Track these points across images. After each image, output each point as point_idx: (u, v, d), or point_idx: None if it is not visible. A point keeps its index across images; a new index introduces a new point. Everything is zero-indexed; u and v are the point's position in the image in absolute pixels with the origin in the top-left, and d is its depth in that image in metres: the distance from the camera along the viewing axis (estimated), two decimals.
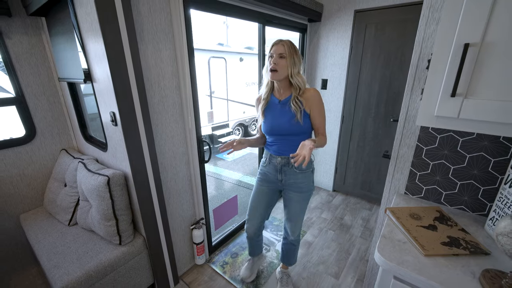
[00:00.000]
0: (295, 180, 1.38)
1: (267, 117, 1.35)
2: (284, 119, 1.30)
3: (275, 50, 1.21)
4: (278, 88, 1.32)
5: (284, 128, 1.30)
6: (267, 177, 1.46)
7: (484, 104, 0.68)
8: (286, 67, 1.21)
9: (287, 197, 1.47)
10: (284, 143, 1.34)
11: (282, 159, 1.37)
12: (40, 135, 1.74)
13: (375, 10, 2.26)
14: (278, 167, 1.39)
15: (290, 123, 1.28)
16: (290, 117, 1.28)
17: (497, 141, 0.93)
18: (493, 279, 0.70)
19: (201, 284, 1.78)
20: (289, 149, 1.33)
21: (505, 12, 0.61)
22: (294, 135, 1.30)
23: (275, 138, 1.36)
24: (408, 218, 0.97)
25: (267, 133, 1.38)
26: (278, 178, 1.42)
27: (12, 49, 1.53)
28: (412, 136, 1.11)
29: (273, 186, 1.47)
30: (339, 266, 1.93)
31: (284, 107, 1.30)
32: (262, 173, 1.49)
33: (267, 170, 1.45)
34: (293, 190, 1.41)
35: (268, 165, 1.44)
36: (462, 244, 0.84)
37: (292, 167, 1.36)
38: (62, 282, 1.19)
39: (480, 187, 1.00)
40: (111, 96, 1.18)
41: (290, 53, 1.21)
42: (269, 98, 1.36)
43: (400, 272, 0.79)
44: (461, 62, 0.67)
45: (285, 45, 1.21)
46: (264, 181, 1.48)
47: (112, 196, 1.33)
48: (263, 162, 1.48)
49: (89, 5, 1.06)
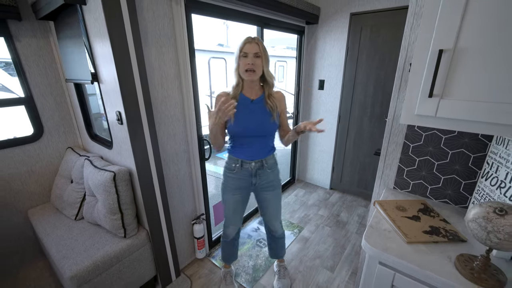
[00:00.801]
0: (268, 180, 1.42)
1: (239, 117, 1.27)
2: (261, 119, 1.29)
3: (249, 49, 1.17)
4: (251, 87, 1.29)
5: (262, 128, 1.30)
6: (239, 183, 1.41)
7: (458, 104, 0.75)
8: (261, 66, 1.21)
9: (263, 198, 1.49)
10: (257, 145, 1.33)
11: (256, 163, 1.35)
12: (47, 133, 1.81)
13: (370, 13, 2.33)
14: (253, 171, 1.37)
15: (268, 123, 1.30)
16: (267, 116, 1.29)
17: (476, 138, 1.00)
18: (466, 262, 0.77)
19: (201, 277, 1.86)
20: (262, 152, 1.35)
21: (474, 21, 0.68)
22: (267, 136, 1.33)
23: (248, 140, 1.32)
24: (394, 210, 1.04)
25: (239, 134, 1.32)
26: (252, 182, 1.41)
27: (22, 51, 1.60)
28: (400, 134, 1.19)
29: (246, 191, 1.46)
30: (334, 260, 2.00)
31: (258, 106, 1.29)
32: (232, 180, 1.41)
33: (238, 177, 1.40)
34: (268, 190, 1.45)
35: (239, 172, 1.38)
36: (442, 233, 0.92)
37: (266, 168, 1.38)
38: (71, 271, 1.26)
39: (461, 181, 1.08)
40: (117, 96, 1.26)
41: (263, 51, 1.20)
42: (239, 98, 1.28)
43: (384, 258, 0.86)
44: (436, 66, 0.74)
45: (259, 44, 1.19)
46: (236, 189, 1.43)
47: (117, 191, 1.40)
48: (231, 169, 1.39)
49: (98, 11, 1.13)
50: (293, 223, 2.47)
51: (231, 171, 1.40)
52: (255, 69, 1.20)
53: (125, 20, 1.16)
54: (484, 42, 0.68)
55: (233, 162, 1.38)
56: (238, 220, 1.59)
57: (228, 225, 1.59)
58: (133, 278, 1.53)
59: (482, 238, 0.67)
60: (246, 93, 1.30)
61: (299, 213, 2.66)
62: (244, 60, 1.19)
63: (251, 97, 1.30)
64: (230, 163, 1.40)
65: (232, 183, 1.42)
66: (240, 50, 1.19)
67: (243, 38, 1.20)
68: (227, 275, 1.76)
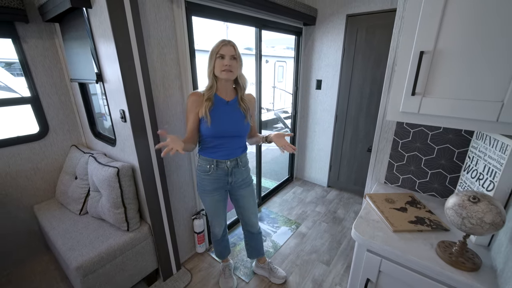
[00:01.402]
0: (242, 177, 1.47)
1: (216, 118, 1.29)
2: (237, 120, 1.34)
3: (226, 51, 1.22)
4: (225, 89, 1.32)
5: (237, 129, 1.34)
6: (215, 184, 1.43)
7: (438, 102, 0.81)
8: (237, 68, 1.27)
9: (239, 196, 1.52)
10: (232, 145, 1.37)
11: (231, 162, 1.39)
12: (52, 132, 1.87)
13: (365, 14, 2.39)
14: (229, 170, 1.40)
15: (241, 123, 1.35)
16: (242, 117, 1.35)
17: (460, 134, 1.07)
18: (446, 248, 0.84)
19: (201, 270, 1.92)
20: (236, 151, 1.40)
21: (450, 26, 0.75)
22: (241, 136, 1.39)
23: (223, 140, 1.34)
24: (383, 202, 1.11)
25: (215, 135, 1.32)
26: (228, 181, 1.44)
27: (28, 52, 1.66)
28: (390, 131, 1.25)
29: (223, 190, 1.49)
30: (330, 255, 2.07)
31: (233, 108, 1.34)
32: (208, 182, 1.42)
33: (214, 178, 1.41)
34: (243, 187, 1.49)
35: (215, 172, 1.39)
36: (426, 222, 0.98)
37: (241, 166, 1.44)
38: (77, 262, 1.33)
39: (447, 175, 1.14)
40: (121, 95, 1.32)
41: (238, 55, 1.26)
42: (213, 99, 1.30)
43: (372, 245, 0.92)
44: (418, 66, 0.80)
45: (235, 47, 1.24)
46: (214, 190, 1.44)
47: (121, 186, 1.46)
48: (205, 171, 1.40)
49: (103, 14, 1.19)
50: (290, 220, 2.53)
51: (206, 172, 1.40)
52: (232, 69, 1.24)
53: (129, 23, 1.23)
54: (460, 45, 0.74)
55: (207, 163, 1.38)
56: (222, 219, 1.61)
57: (214, 225, 1.62)
58: (135, 270, 1.60)
59: (458, 223, 0.73)
60: (221, 95, 1.33)
61: (296, 210, 2.72)
62: (221, 61, 1.23)
63: (226, 98, 1.34)
64: (204, 164, 1.39)
65: (208, 184, 1.42)
66: (217, 52, 1.23)
67: (218, 41, 1.24)
68: (226, 269, 1.82)
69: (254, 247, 1.78)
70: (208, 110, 1.27)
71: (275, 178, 3.55)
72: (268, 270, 1.83)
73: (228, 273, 1.81)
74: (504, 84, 0.70)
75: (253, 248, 1.78)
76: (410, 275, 0.86)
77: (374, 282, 0.96)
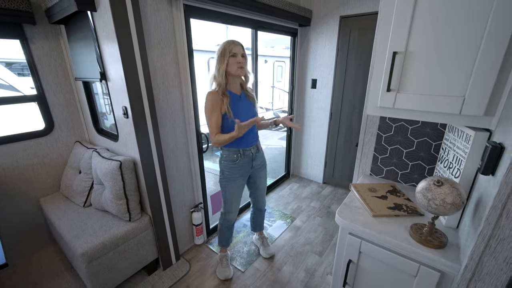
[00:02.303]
0: (262, 160, 1.70)
1: (236, 112, 1.44)
2: (251, 109, 1.54)
3: (237, 51, 1.40)
4: (235, 84, 1.50)
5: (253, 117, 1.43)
6: (241, 171, 1.59)
7: (411, 97, 0.90)
8: (246, 64, 1.46)
9: (257, 177, 1.74)
10: (251, 133, 1.56)
11: (253, 148, 1.59)
12: (57, 128, 1.96)
13: (358, 16, 2.49)
14: (253, 156, 1.60)
15: (255, 112, 1.56)
16: (253, 107, 1.55)
17: (436, 128, 1.16)
18: (418, 230, 0.93)
19: (200, 261, 2.01)
20: (255, 137, 1.61)
21: (419, 30, 0.84)
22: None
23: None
24: (366, 191, 1.20)
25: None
26: (252, 165, 1.63)
27: (35, 52, 1.75)
28: (374, 125, 1.34)
29: (246, 176, 1.67)
30: (323, 246, 2.16)
31: (245, 100, 1.53)
32: (235, 170, 1.57)
33: (241, 165, 1.57)
34: (261, 169, 1.72)
35: (242, 160, 1.55)
36: (403, 208, 1.07)
37: (260, 150, 1.66)
38: (82, 248, 1.42)
39: (425, 166, 1.23)
40: (124, 93, 1.41)
41: (245, 53, 1.45)
42: (228, 94, 1.45)
43: (353, 228, 1.01)
44: (391, 65, 0.89)
45: (243, 46, 1.44)
46: (239, 177, 1.60)
47: (123, 178, 1.56)
48: (233, 160, 1.54)
49: (107, 17, 1.29)
50: (286, 214, 2.62)
51: (233, 161, 1.55)
52: (243, 66, 1.43)
53: (131, 25, 1.32)
54: (427, 47, 0.83)
55: (234, 153, 1.54)
56: (239, 204, 1.77)
57: (231, 211, 1.75)
58: (137, 258, 1.69)
59: (424, 205, 0.82)
60: (232, 90, 1.49)
61: (292, 205, 2.81)
62: (234, 59, 1.40)
63: (237, 92, 1.51)
64: (231, 154, 1.55)
65: (236, 172, 1.58)
66: (229, 51, 1.38)
67: (227, 42, 1.40)
68: (223, 259, 1.91)
69: (258, 223, 2.05)
70: (228, 105, 1.42)
71: (272, 175, 3.64)
72: (261, 242, 2.08)
73: (226, 262, 1.90)
74: (465, 82, 0.79)
75: (257, 224, 2.05)
76: (386, 254, 0.95)
77: (356, 263, 1.05)
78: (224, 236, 1.89)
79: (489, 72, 0.74)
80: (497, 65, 0.73)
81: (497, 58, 0.72)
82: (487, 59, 0.74)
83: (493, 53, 0.73)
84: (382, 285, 1.01)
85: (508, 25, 0.69)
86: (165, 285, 1.77)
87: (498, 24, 0.70)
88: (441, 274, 0.84)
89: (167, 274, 1.86)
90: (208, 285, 1.79)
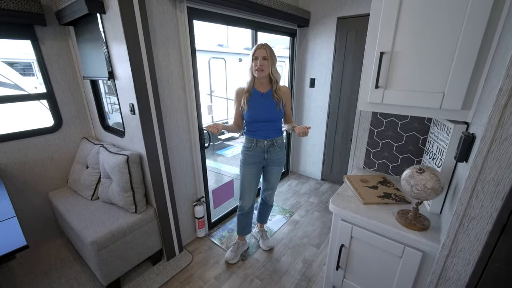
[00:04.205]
0: (277, 156, 1.77)
1: (252, 106, 1.63)
2: (269, 108, 1.64)
3: (259, 53, 1.53)
4: (261, 83, 1.64)
5: (270, 115, 1.65)
6: (254, 159, 1.74)
7: (397, 93, 0.99)
8: (268, 66, 1.56)
9: (270, 171, 1.84)
10: (267, 128, 1.68)
11: (268, 142, 1.70)
12: (65, 125, 2.05)
13: (355, 17, 2.57)
14: (266, 148, 1.72)
15: (274, 111, 1.65)
16: (274, 106, 1.64)
17: (423, 123, 1.24)
18: (403, 214, 1.01)
19: (202, 252, 2.09)
20: (272, 133, 1.69)
21: (403, 31, 0.92)
22: (274, 121, 1.67)
23: (260, 124, 1.66)
24: (358, 182, 1.28)
25: (253, 120, 1.66)
26: (264, 157, 1.75)
27: (45, 52, 1.84)
28: (367, 121, 1.42)
29: (259, 165, 1.79)
30: (320, 239, 2.24)
31: (267, 98, 1.65)
32: (249, 156, 1.75)
33: (253, 153, 1.73)
34: (275, 165, 1.81)
35: (254, 149, 1.72)
36: (392, 196, 1.15)
37: (276, 146, 1.72)
38: (91, 237, 1.50)
39: (414, 159, 1.31)
40: (131, 91, 1.50)
41: (270, 54, 1.55)
42: (252, 91, 1.64)
43: (345, 214, 1.10)
44: (379, 64, 0.98)
45: (266, 49, 1.54)
46: (251, 163, 1.76)
47: (130, 172, 1.64)
48: (248, 147, 1.74)
49: (116, 19, 1.37)
50: (285, 209, 2.71)
51: (248, 149, 1.74)
52: (263, 68, 1.54)
53: (138, 27, 1.40)
54: (410, 47, 0.92)
55: (249, 142, 1.72)
56: (253, 192, 1.87)
57: (244, 197, 1.86)
58: (142, 249, 1.77)
59: (408, 191, 0.91)
60: (258, 88, 1.65)
61: (291, 200, 2.90)
62: (254, 62, 1.55)
63: (262, 90, 1.65)
64: (247, 142, 1.73)
65: (249, 158, 1.75)
66: (252, 54, 1.55)
67: (256, 45, 1.57)
68: (236, 245, 2.02)
69: (263, 215, 2.15)
70: (246, 100, 1.61)
71: None
72: (261, 235, 2.16)
73: (234, 248, 2.00)
74: (444, 79, 0.87)
75: (262, 215, 2.16)
76: (375, 238, 1.03)
77: (348, 247, 1.14)
78: (240, 223, 1.99)
79: (465, 69, 0.83)
80: (472, 62, 0.81)
81: (471, 56, 0.81)
82: (463, 58, 0.82)
83: (468, 52, 0.81)
84: (372, 267, 1.10)
85: (481, 26, 0.78)
86: (169, 274, 1.85)
87: (473, 25, 0.79)
88: (423, 254, 0.92)
89: (171, 264, 1.95)
90: (210, 275, 1.87)
